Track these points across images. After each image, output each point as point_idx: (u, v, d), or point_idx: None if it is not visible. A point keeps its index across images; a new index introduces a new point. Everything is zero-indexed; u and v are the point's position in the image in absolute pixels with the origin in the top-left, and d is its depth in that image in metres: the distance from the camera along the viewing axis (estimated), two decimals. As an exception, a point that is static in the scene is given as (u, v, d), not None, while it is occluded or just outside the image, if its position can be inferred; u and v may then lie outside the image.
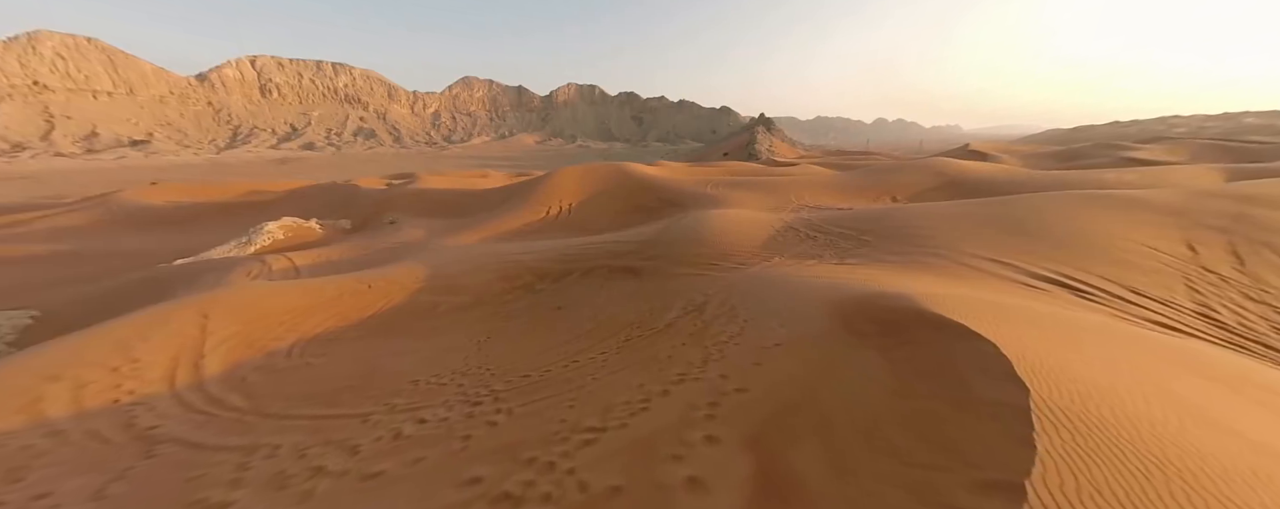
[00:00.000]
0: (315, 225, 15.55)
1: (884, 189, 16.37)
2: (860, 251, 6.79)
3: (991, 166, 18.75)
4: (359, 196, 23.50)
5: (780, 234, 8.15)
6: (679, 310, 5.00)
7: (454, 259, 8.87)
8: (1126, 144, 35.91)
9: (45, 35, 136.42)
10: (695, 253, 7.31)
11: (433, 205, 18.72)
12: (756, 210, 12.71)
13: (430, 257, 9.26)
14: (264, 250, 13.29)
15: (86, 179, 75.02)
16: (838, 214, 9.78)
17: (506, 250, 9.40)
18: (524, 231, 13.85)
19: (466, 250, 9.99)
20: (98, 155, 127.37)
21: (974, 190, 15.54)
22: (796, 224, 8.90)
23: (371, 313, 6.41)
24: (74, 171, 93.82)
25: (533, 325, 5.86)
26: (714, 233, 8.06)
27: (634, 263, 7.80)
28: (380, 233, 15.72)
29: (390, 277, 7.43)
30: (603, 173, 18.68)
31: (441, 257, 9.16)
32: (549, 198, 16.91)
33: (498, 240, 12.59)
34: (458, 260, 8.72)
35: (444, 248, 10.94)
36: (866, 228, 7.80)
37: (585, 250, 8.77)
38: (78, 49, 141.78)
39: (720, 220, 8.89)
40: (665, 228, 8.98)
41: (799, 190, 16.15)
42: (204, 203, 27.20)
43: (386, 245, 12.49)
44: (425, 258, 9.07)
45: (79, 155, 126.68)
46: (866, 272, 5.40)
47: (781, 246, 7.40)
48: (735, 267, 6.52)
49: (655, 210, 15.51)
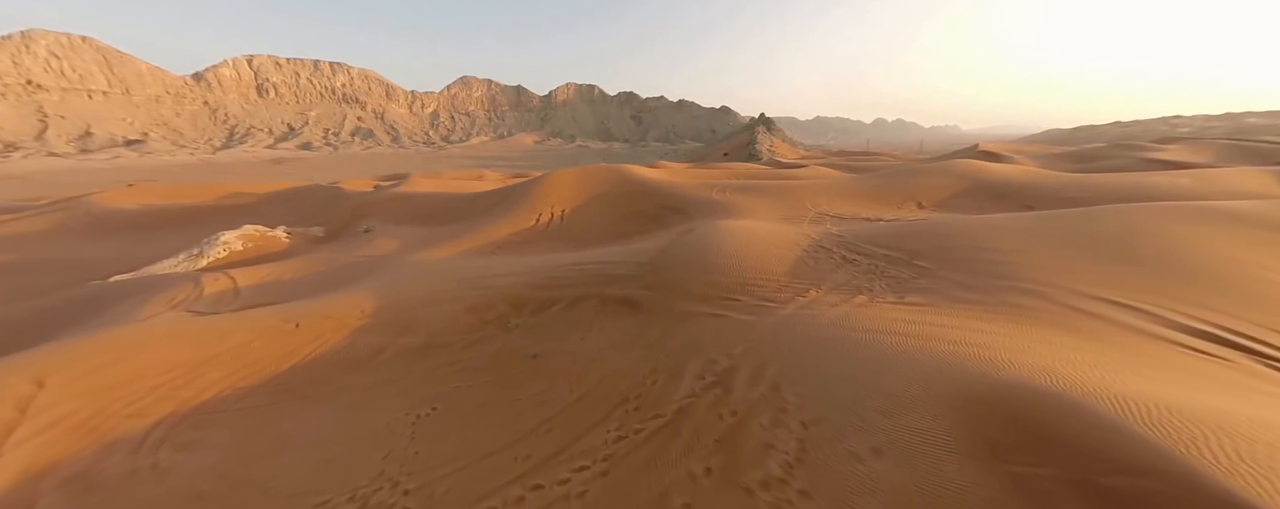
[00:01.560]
0: (282, 234, 14.07)
1: (906, 194, 14.89)
2: (920, 283, 5.32)
3: (1020, 169, 17.26)
4: (341, 200, 22.04)
5: (810, 255, 6.67)
6: (694, 380, 3.54)
7: (417, 282, 7.39)
8: (1146, 145, 34.43)
9: (39, 34, 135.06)
10: (707, 281, 5.83)
11: (415, 211, 17.24)
12: (771, 220, 11.23)
13: (390, 278, 7.79)
14: (217, 264, 11.83)
15: (77, 179, 73.85)
16: (872, 228, 8.30)
17: (482, 270, 7.92)
18: (510, 242, 12.38)
19: (436, 269, 8.50)
20: (92, 155, 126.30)
21: (1008, 196, 14.07)
22: (826, 241, 7.42)
23: (292, 363, 4.94)
24: (66, 172, 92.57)
25: (496, 390, 4.38)
26: (728, 254, 6.58)
27: (632, 291, 6.33)
28: (354, 242, 14.26)
29: (328, 310, 5.96)
30: (599, 176, 17.20)
31: (403, 278, 7.69)
32: (540, 203, 15.43)
33: (479, 253, 11.11)
34: (420, 284, 7.24)
35: (412, 264, 9.46)
36: (917, 248, 6.32)
37: (574, 272, 7.29)
38: (72, 48, 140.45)
39: (734, 236, 7.41)
40: (669, 245, 7.49)
41: (813, 196, 14.67)
42: (179, 206, 25.66)
43: (353, 259, 11.02)
44: (384, 280, 7.60)
45: (73, 155, 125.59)
46: (947, 320, 3.94)
47: (815, 273, 5.92)
48: (761, 303, 5.05)
49: (656, 217, 14.04)
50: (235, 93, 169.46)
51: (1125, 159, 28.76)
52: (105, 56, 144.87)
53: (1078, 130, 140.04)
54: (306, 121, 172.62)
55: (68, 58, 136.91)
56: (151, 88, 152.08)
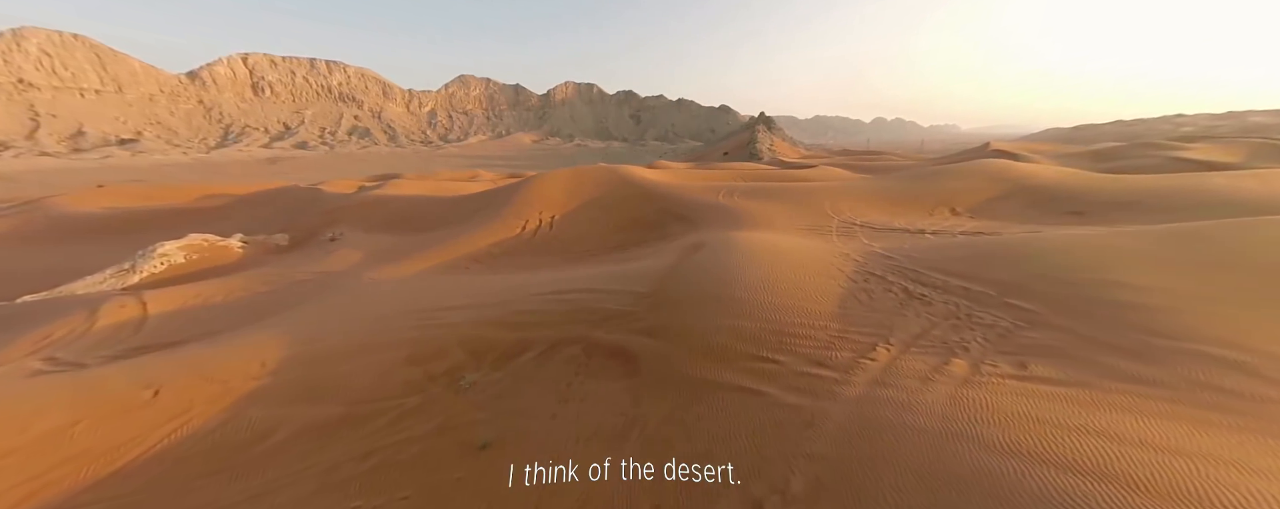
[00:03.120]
0: (236, 243, 12.46)
1: (936, 198, 13.30)
2: (1034, 338, 3.73)
3: (1058, 170, 15.63)
4: (318, 203, 20.47)
5: (859, 286, 5.08)
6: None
7: (353, 316, 5.80)
8: (1172, 143, 32.85)
9: (30, 32, 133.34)
10: (729, 328, 4.25)
11: (391, 216, 15.64)
12: (792, 231, 9.64)
13: (324, 310, 6.20)
14: (151, 280, 10.25)
15: (66, 179, 72.55)
16: (923, 244, 6.72)
17: (440, 298, 6.32)
18: (489, 255, 10.79)
19: (387, 296, 6.91)
20: (84, 154, 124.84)
21: (1052, 200, 12.47)
22: (874, 264, 5.83)
23: (125, 460, 3.37)
24: (55, 171, 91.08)
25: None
26: (753, 284, 4.99)
27: (627, 336, 4.74)
28: (316, 252, 12.68)
29: (212, 365, 4.37)
30: (594, 178, 15.60)
31: (339, 310, 6.10)
32: (527, 209, 13.83)
33: (449, 269, 9.53)
34: (356, 319, 5.65)
35: (364, 287, 7.88)
36: (1009, 280, 4.74)
37: (554, 304, 5.70)
38: (64, 46, 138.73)
39: (756, 258, 5.82)
40: (675, 269, 5.90)
41: (833, 200, 13.08)
42: (148, 209, 24.03)
43: (302, 276, 9.44)
44: (313, 313, 6.01)
45: (65, 154, 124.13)
46: (1128, 423, 2.38)
47: (876, 317, 4.34)
48: (812, 372, 3.48)
49: (657, 225, 12.45)
50: (230, 91, 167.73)
51: (1152, 158, 27.17)
52: (98, 54, 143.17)
53: (1078, 129, 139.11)
54: (303, 120, 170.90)
55: (59, 56, 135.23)
56: (145, 86, 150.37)
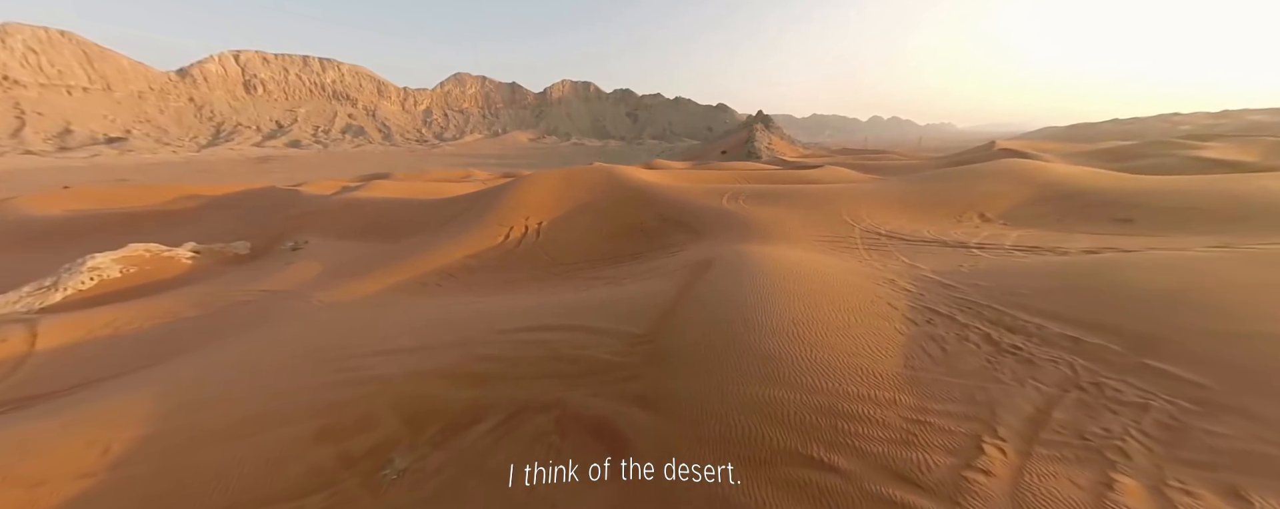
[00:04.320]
0: (185, 254, 11.13)
1: (964, 203, 12.06)
2: (1218, 434, 2.50)
3: (1090, 171, 14.40)
4: (292, 205, 19.13)
5: (922, 332, 3.83)
6: None
7: (260, 367, 4.51)
8: (1189, 142, 31.81)
9: (15, 28, 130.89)
10: (757, 402, 2.99)
11: (364, 222, 14.30)
12: (812, 243, 8.38)
13: (225, 358, 4.91)
14: (77, 298, 8.93)
15: (49, 178, 70.93)
16: (990, 269, 5.46)
17: (379, 336, 5.04)
18: (463, 269, 9.50)
19: (317, 331, 5.61)
20: (71, 153, 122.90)
21: (1093, 204, 11.22)
22: (931, 296, 4.58)
23: None
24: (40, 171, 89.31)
25: None
26: (783, 329, 3.73)
27: (615, 404, 3.47)
28: (273, 264, 11.36)
29: (18, 460, 3.10)
30: (586, 180, 14.29)
31: (245, 358, 4.81)
32: (512, 214, 12.53)
33: (413, 288, 8.24)
34: (262, 373, 4.37)
35: (303, 314, 6.59)
36: (1134, 330, 3.50)
37: (524, 347, 4.43)
38: (50, 43, 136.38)
39: (782, 289, 4.56)
40: (680, 303, 4.64)
41: (851, 206, 11.82)
42: (114, 212, 22.55)
43: (244, 297, 8.14)
44: (214, 361, 4.72)
45: (51, 153, 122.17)
46: None
47: (961, 385, 3.09)
48: (890, 489, 2.25)
49: (656, 234, 11.17)
50: (222, 89, 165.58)
51: (1169, 157, 26.11)
52: (85, 51, 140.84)
53: (1074, 128, 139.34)
54: (296, 119, 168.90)
55: (46, 52, 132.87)
56: (134, 84, 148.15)
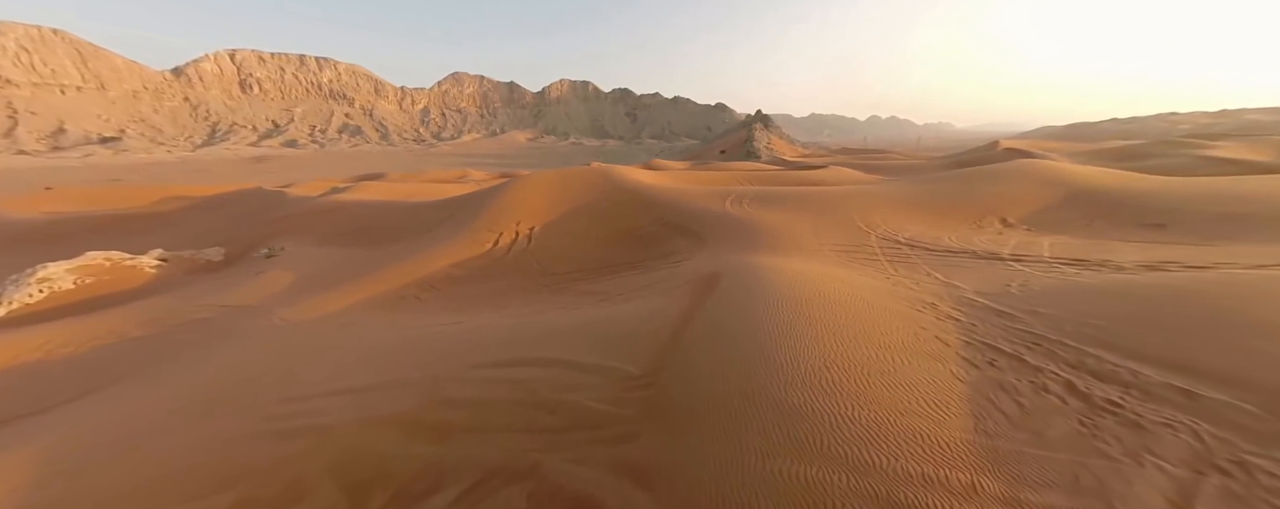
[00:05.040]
0: (149, 262, 10.35)
1: (983, 207, 11.31)
2: None
3: (1116, 173, 13.66)
4: (277, 208, 18.38)
5: (988, 377, 3.09)
6: None
7: (178, 410, 3.76)
8: (1199, 141, 31.20)
9: (7, 27, 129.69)
10: (785, 482, 2.25)
11: (345, 226, 13.52)
12: (827, 253, 7.62)
13: (137, 400, 4.16)
14: (20, 314, 8.16)
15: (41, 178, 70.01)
16: (1046, 290, 4.70)
17: (331, 368, 4.28)
18: (446, 279, 8.74)
19: (261, 359, 4.85)
20: (64, 153, 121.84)
21: (1123, 208, 10.47)
22: (986, 327, 3.83)
23: None
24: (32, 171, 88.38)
25: None
26: (812, 378, 2.99)
27: (601, 474, 2.73)
28: (247, 272, 10.59)
29: None
30: (582, 182, 13.52)
31: (161, 400, 4.05)
32: (502, 218, 11.76)
33: (389, 302, 7.47)
34: (179, 420, 3.61)
35: (258, 335, 5.83)
36: (1273, 384, 2.78)
37: (500, 385, 3.68)
38: (44, 41, 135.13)
39: (804, 314, 3.81)
40: (682, 333, 3.89)
41: (862, 209, 11.07)
42: (96, 215, 21.74)
43: (202, 313, 7.37)
44: (122, 403, 3.97)
45: (44, 153, 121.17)
46: None
47: (1056, 462, 2.36)
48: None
49: (654, 240, 10.42)
50: (217, 88, 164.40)
51: (1180, 157, 25.50)
52: (79, 50, 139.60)
53: (1073, 127, 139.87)
54: (292, 118, 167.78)
55: (39, 51, 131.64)
56: (128, 83, 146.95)
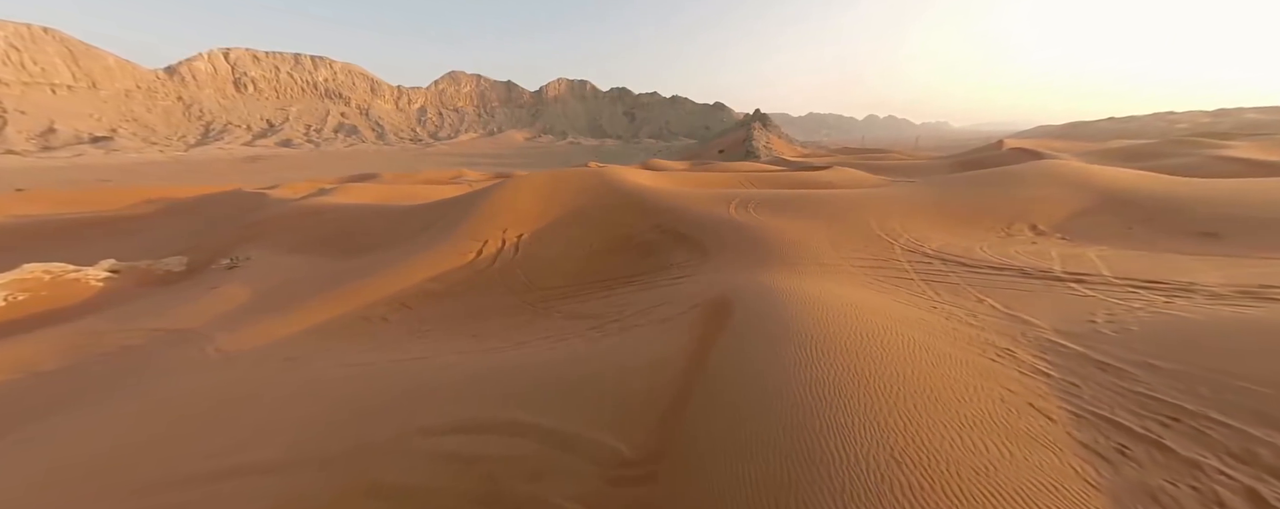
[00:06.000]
0: (98, 274, 9.39)
1: (1010, 212, 10.41)
2: None
3: (1150, 176, 12.78)
4: (255, 211, 17.42)
5: (1134, 486, 2.20)
6: None
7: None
8: (1212, 141, 30.45)
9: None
10: None
11: (321, 232, 12.55)
12: (852, 269, 6.70)
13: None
14: (-62, 336, 7.23)
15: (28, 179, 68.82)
16: (1166, 334, 3.78)
17: (222, 441, 3.36)
18: (421, 296, 7.80)
19: (148, 423, 3.93)
20: (54, 152, 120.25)
21: (1166, 215, 9.59)
22: (1100, 398, 2.92)
23: None
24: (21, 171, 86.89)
25: None
26: (881, 478, 2.10)
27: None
28: (204, 284, 9.63)
29: None
30: (576, 185, 12.57)
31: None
32: (488, 225, 10.82)
33: (352, 325, 6.53)
34: None
35: (173, 374, 4.90)
36: None
37: (447, 469, 2.76)
38: (34, 39, 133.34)
39: (856, 374, 2.90)
40: (693, 401, 2.99)
41: (878, 215, 10.16)
42: (62, 218, 20.70)
43: (127, 341, 6.43)
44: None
45: (34, 153, 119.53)
46: None
47: None
48: None
49: (653, 249, 9.48)
50: (211, 87, 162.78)
51: (1193, 157, 24.72)
52: (70, 49, 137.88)
53: (1071, 126, 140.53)
54: (287, 117, 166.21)
55: (29, 50, 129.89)
56: (120, 82, 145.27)
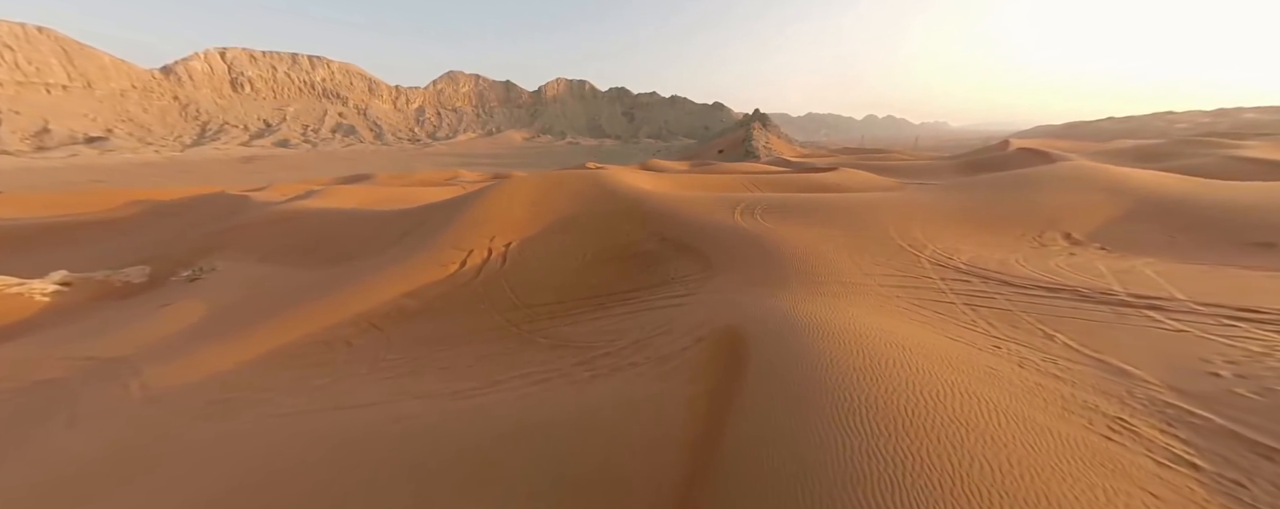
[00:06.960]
0: (44, 288, 8.56)
1: (1041, 219, 9.58)
2: None
3: (1190, 180, 11.94)
4: (234, 215, 16.59)
5: None
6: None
7: None
8: (1226, 141, 29.65)
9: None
10: None
11: (295, 239, 11.73)
12: (881, 290, 5.88)
13: None
14: None
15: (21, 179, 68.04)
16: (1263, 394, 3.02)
17: None
18: (395, 313, 6.99)
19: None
20: (49, 152, 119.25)
21: (1215, 224, 8.76)
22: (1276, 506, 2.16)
23: None
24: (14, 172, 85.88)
25: None
26: None
27: None
28: (159, 299, 8.81)
29: None
30: (570, 189, 11.72)
31: None
32: (474, 233, 9.98)
33: (311, 349, 5.71)
34: None
35: (80, 422, 4.08)
36: None
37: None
38: (28, 39, 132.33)
39: (921, 455, 2.12)
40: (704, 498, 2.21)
41: (896, 222, 9.34)
42: (37, 223, 19.77)
43: (38, 376, 5.60)
44: None
45: (27, 153, 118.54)
46: None
47: None
48: None
49: (652, 261, 8.66)
50: (207, 87, 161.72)
51: (1208, 157, 23.90)
52: (64, 48, 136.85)
53: (1070, 126, 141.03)
54: (284, 117, 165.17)
55: (22, 49, 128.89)
56: (116, 82, 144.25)
